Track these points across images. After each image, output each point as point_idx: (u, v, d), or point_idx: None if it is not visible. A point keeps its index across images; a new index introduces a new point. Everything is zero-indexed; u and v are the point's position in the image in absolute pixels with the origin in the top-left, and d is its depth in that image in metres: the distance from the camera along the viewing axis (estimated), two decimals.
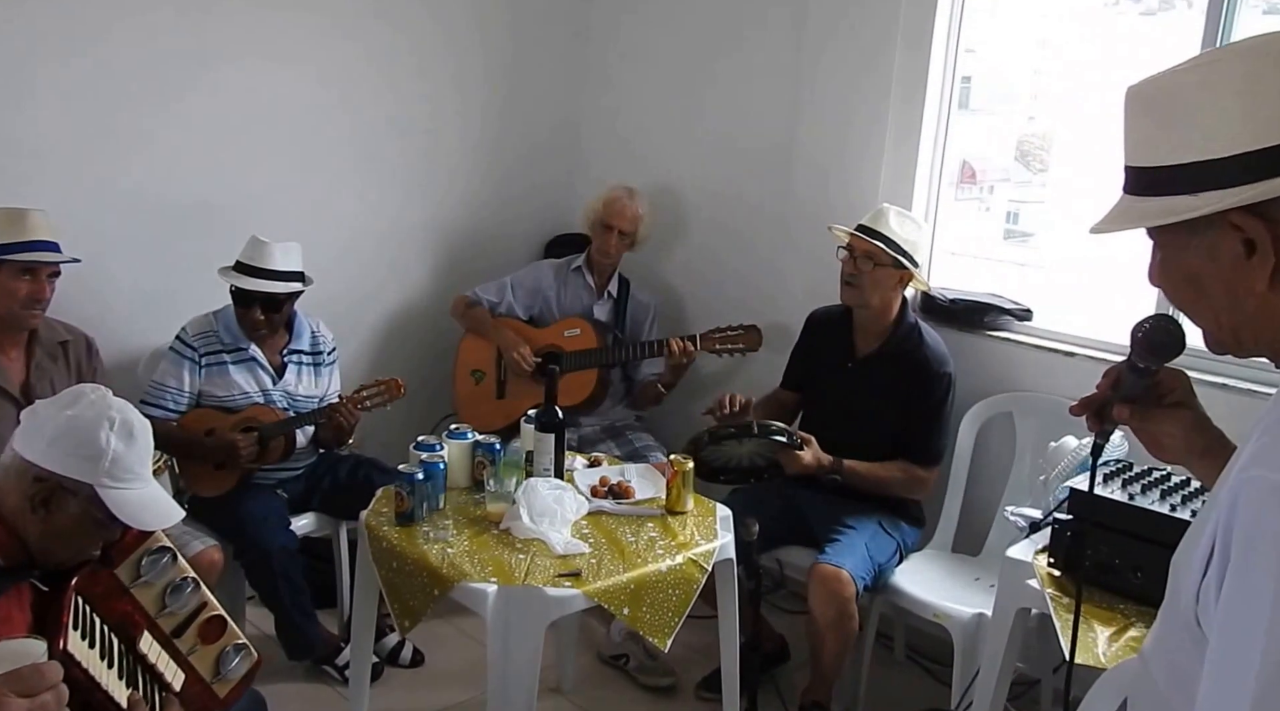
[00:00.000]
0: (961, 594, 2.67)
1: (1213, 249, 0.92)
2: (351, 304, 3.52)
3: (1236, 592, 0.82)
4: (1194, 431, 1.15)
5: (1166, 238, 0.96)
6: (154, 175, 3.08)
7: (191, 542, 2.56)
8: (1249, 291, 0.91)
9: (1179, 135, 0.91)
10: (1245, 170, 0.87)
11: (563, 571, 2.10)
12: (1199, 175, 0.90)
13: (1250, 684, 0.78)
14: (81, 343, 2.68)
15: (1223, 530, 0.84)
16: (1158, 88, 0.94)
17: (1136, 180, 0.96)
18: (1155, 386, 1.17)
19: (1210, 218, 0.90)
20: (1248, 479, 0.84)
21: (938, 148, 3.07)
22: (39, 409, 1.56)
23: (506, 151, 3.84)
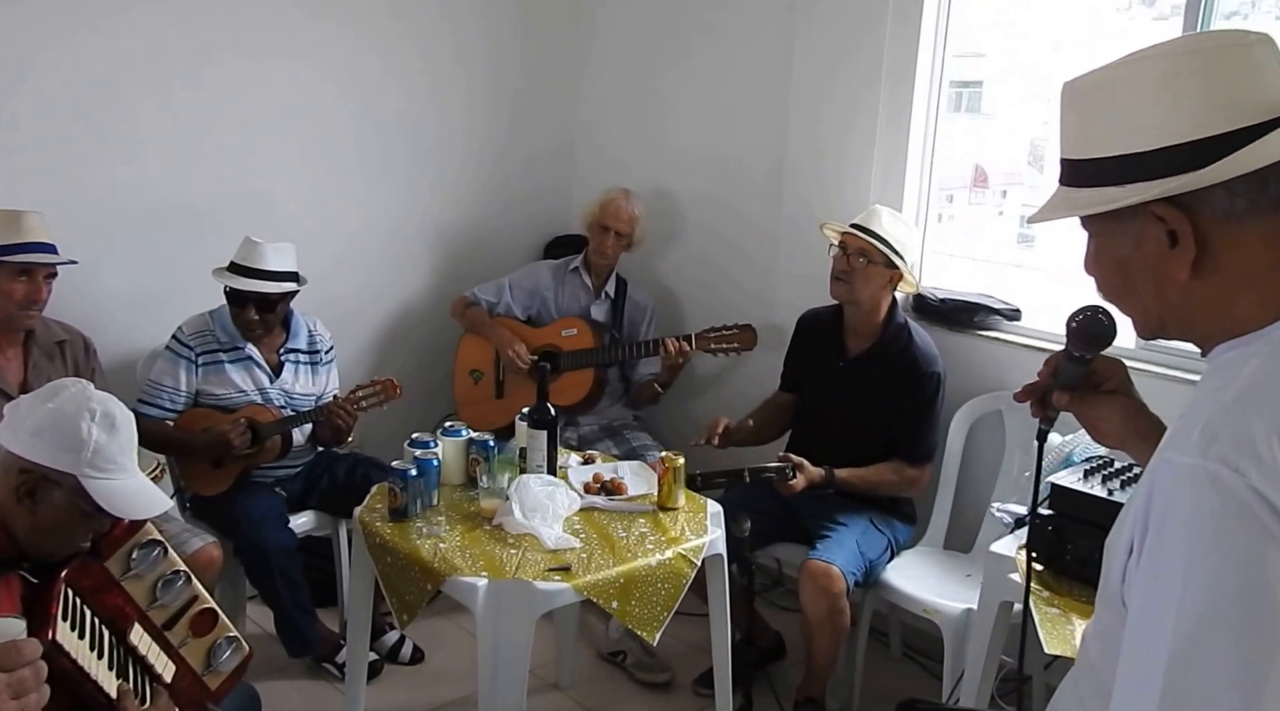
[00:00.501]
0: (952, 590, 2.69)
1: (1138, 239, 0.95)
2: (352, 304, 3.56)
3: (1149, 572, 0.85)
4: (1130, 417, 1.19)
5: (1098, 227, 1.00)
6: (152, 176, 3.12)
7: (191, 540, 2.59)
8: (1172, 280, 0.94)
9: (1106, 129, 0.95)
10: (1167, 163, 0.91)
11: (553, 565, 2.13)
12: (1124, 167, 0.94)
13: (1162, 660, 0.81)
14: (79, 342, 2.71)
15: (1141, 512, 0.88)
16: (1089, 84, 0.97)
17: (1070, 172, 1.00)
18: (1093, 374, 1.21)
19: (1135, 208, 0.93)
20: (1161, 462, 0.88)
21: (926, 152, 3.09)
22: (22, 403, 1.59)
23: (507, 155, 3.88)
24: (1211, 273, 0.93)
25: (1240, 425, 0.84)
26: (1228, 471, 0.81)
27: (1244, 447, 0.82)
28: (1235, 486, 0.81)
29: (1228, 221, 0.91)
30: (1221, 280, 0.93)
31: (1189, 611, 0.81)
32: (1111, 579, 0.94)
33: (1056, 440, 2.38)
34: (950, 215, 3.67)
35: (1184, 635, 0.80)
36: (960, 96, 3.75)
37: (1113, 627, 0.93)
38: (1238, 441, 0.83)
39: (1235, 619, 0.79)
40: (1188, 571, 0.81)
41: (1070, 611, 1.99)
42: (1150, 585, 0.85)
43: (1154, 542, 0.85)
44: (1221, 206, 0.91)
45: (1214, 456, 0.82)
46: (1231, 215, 0.91)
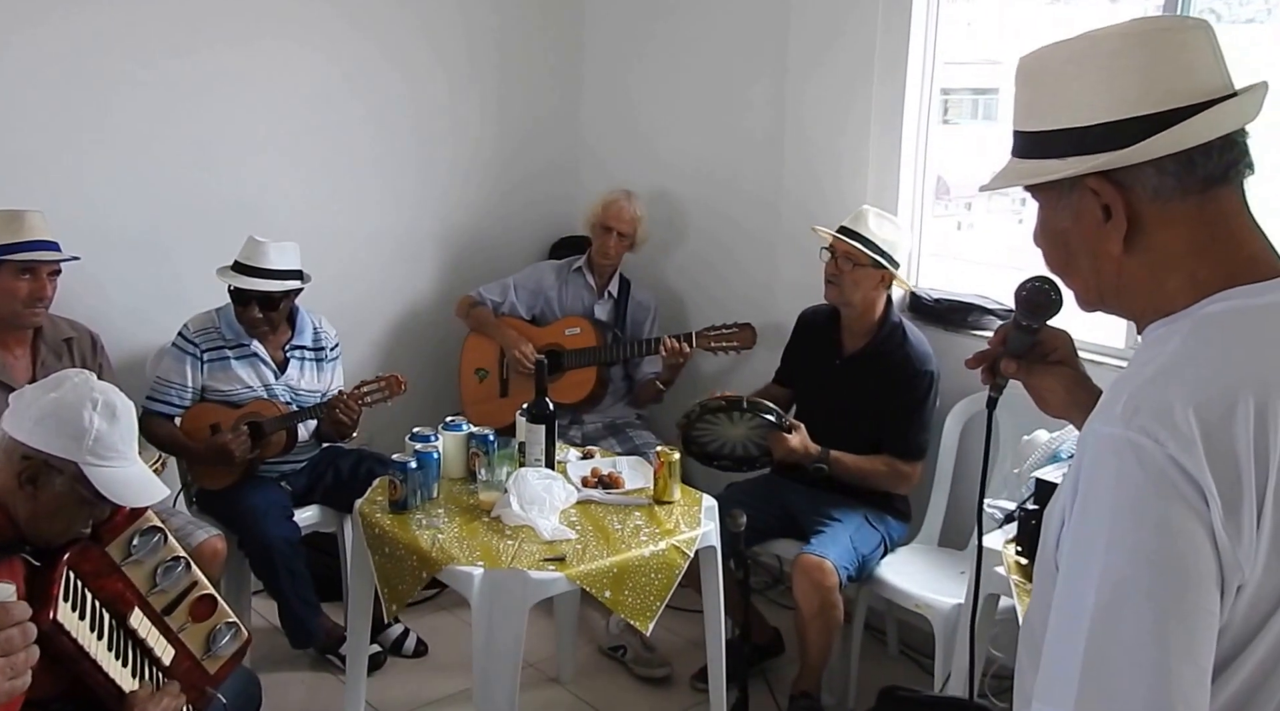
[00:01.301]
0: (945, 585, 2.71)
1: (1077, 211, 0.99)
2: (358, 304, 3.61)
3: (1075, 535, 0.89)
4: (1073, 388, 1.22)
5: (1043, 198, 1.03)
6: (158, 175, 3.17)
7: (195, 532, 2.63)
8: (1107, 255, 0.99)
9: (1051, 103, 0.99)
10: (1103, 139, 0.94)
11: (548, 556, 2.17)
12: (1064, 141, 0.97)
13: (1086, 619, 0.85)
14: (86, 339, 2.76)
15: (1072, 480, 0.92)
16: (1039, 59, 1.02)
17: (1019, 143, 1.04)
18: (1040, 345, 1.24)
19: (1074, 181, 0.97)
20: (1087, 431, 0.92)
21: (919, 149, 3.12)
22: (26, 391, 1.65)
23: (512, 156, 3.93)
24: (1143, 250, 0.97)
25: (1160, 398, 0.88)
26: (1148, 441, 0.85)
27: (1162, 419, 0.86)
28: (1155, 455, 0.85)
29: (1158, 199, 0.95)
30: (1152, 257, 0.97)
31: (1110, 573, 0.84)
32: (1047, 546, 0.97)
33: (1044, 436, 2.41)
34: (970, 222, 3.69)
35: (1105, 596, 0.84)
36: (976, 103, 3.77)
37: (1047, 592, 0.96)
38: (1157, 413, 0.86)
39: (1152, 581, 0.83)
40: (1111, 536, 0.85)
41: None
42: (1075, 548, 0.89)
43: (1080, 508, 0.89)
44: (1152, 184, 0.94)
45: (1135, 427, 0.86)
46: (1161, 194, 0.94)
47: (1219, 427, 0.86)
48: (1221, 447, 0.85)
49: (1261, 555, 0.86)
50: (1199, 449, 0.84)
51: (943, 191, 3.24)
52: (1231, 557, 0.84)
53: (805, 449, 2.72)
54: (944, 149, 3.16)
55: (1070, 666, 0.85)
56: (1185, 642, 0.83)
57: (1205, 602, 0.84)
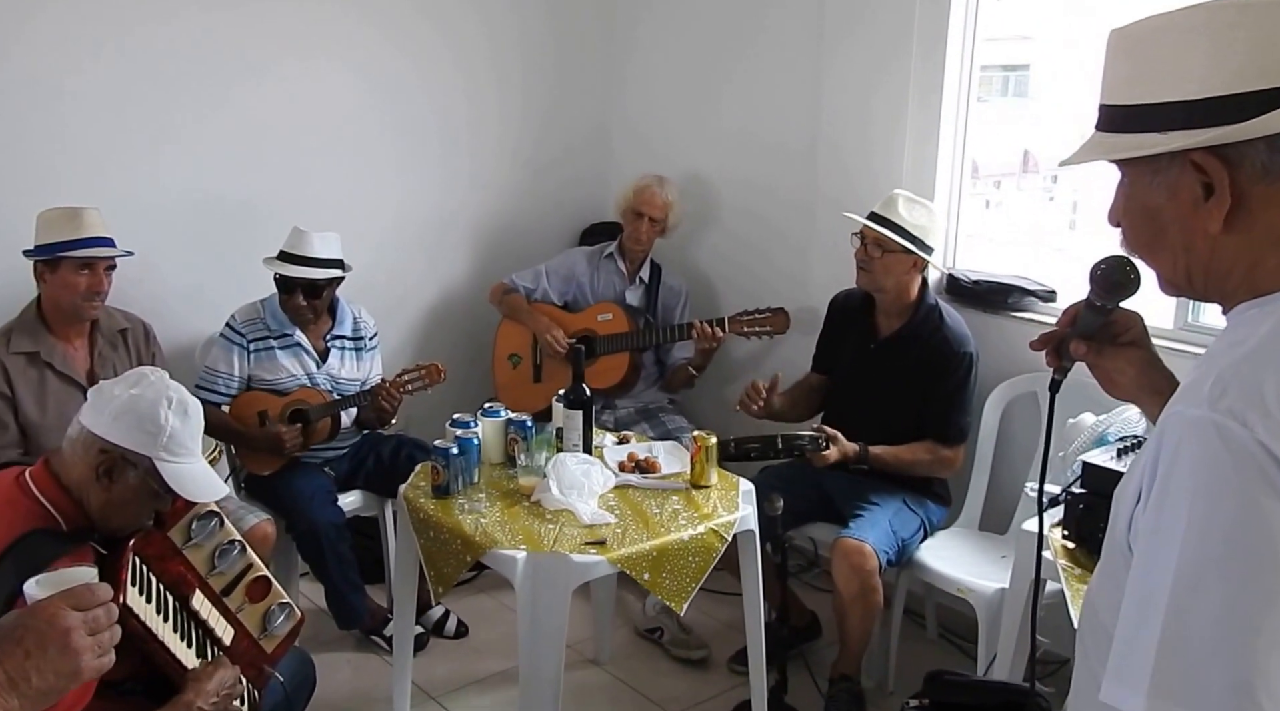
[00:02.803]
0: (987, 570, 2.71)
1: (1174, 188, 0.95)
2: (394, 292, 3.66)
3: (1154, 517, 0.87)
4: (1145, 370, 1.18)
5: (1133, 174, 0.99)
6: (203, 172, 3.24)
7: (246, 517, 2.71)
8: (1204, 232, 0.95)
9: (1154, 76, 0.95)
10: (1211, 114, 0.90)
11: (589, 539, 2.19)
12: (1169, 115, 0.93)
13: (1163, 602, 0.83)
14: (139, 329, 2.84)
15: (1150, 461, 0.90)
16: (1138, 30, 0.98)
17: (1110, 117, 0.99)
18: (1111, 325, 1.20)
19: (1174, 156, 0.93)
20: (1170, 414, 0.90)
21: (959, 129, 3.10)
22: (104, 387, 1.72)
23: (543, 144, 3.95)
24: (1243, 229, 0.93)
25: (1251, 381, 0.85)
26: (1235, 424, 0.83)
27: (1253, 402, 0.83)
28: (1242, 438, 0.82)
29: (1265, 178, 0.91)
30: (1251, 237, 0.93)
31: (1190, 556, 0.83)
32: (1118, 526, 0.96)
33: (1090, 419, 2.39)
34: (998, 201, 3.65)
35: (1185, 579, 0.83)
36: (1007, 80, 3.71)
37: (1117, 575, 0.95)
38: (1247, 396, 0.84)
39: (1234, 566, 0.81)
40: (1191, 517, 0.83)
41: None
42: (1155, 530, 0.87)
43: (1160, 489, 0.87)
44: (1261, 162, 0.91)
45: (1223, 409, 0.84)
46: (1270, 172, 0.91)
47: None
48: None
49: None
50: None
51: (972, 170, 3.21)
52: None
53: (844, 456, 2.73)
54: (974, 127, 3.12)
55: (1145, 648, 0.84)
56: (1271, 623, 0.81)
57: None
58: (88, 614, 1.06)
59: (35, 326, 2.64)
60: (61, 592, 1.09)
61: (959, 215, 3.19)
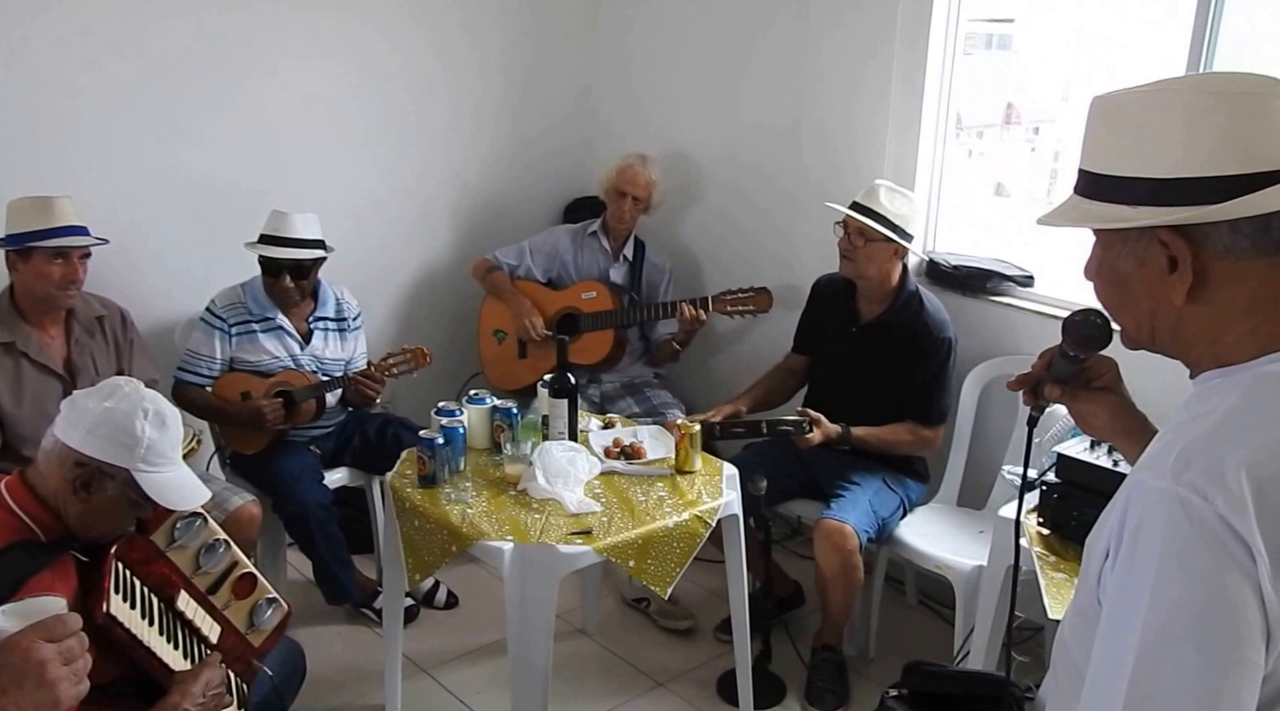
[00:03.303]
0: (965, 546, 2.76)
1: (1141, 258, 1.00)
2: (376, 269, 3.64)
3: (1121, 584, 0.91)
4: (1116, 415, 1.24)
5: (1105, 240, 1.04)
6: (178, 155, 3.19)
7: (232, 498, 2.71)
8: (1168, 302, 0.99)
9: (1129, 150, 0.99)
10: (1180, 194, 0.95)
11: (575, 529, 2.22)
12: (1140, 190, 0.97)
13: (1127, 667, 0.88)
14: (116, 316, 2.81)
15: (1117, 525, 0.94)
16: (1119, 102, 1.01)
17: (1086, 183, 1.04)
18: (1086, 370, 1.25)
19: (1143, 230, 0.98)
20: (1135, 482, 0.94)
21: (941, 108, 3.09)
22: (78, 399, 1.70)
23: (524, 118, 3.90)
24: (1206, 301, 0.98)
25: (1213, 456, 0.89)
26: (1197, 498, 0.87)
27: (1214, 478, 0.87)
28: (1204, 512, 0.86)
29: (1227, 257, 0.96)
30: (1214, 310, 0.98)
31: (1154, 624, 0.87)
32: (1089, 575, 1.00)
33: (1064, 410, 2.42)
34: (980, 152, 3.65)
35: (1148, 646, 0.87)
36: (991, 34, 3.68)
37: (1087, 619, 0.99)
38: (1209, 471, 0.88)
39: (1195, 634, 0.86)
40: (1155, 587, 0.87)
41: (1075, 576, 2.06)
42: (1121, 595, 0.91)
43: (1127, 556, 0.91)
44: (1224, 242, 0.95)
45: (1186, 483, 0.88)
46: (1232, 252, 0.95)
47: (1270, 489, 0.87)
48: (1272, 509, 0.86)
49: None
50: (1249, 508, 0.86)
51: (956, 122, 3.20)
52: (1278, 614, 0.86)
53: (827, 438, 2.76)
54: (958, 80, 3.10)
55: (1112, 707, 0.88)
56: (1227, 693, 0.85)
57: (1250, 655, 0.86)
58: (61, 645, 1.08)
59: (9, 315, 2.60)
60: (33, 626, 1.11)
61: (940, 198, 3.18)
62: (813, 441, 2.74)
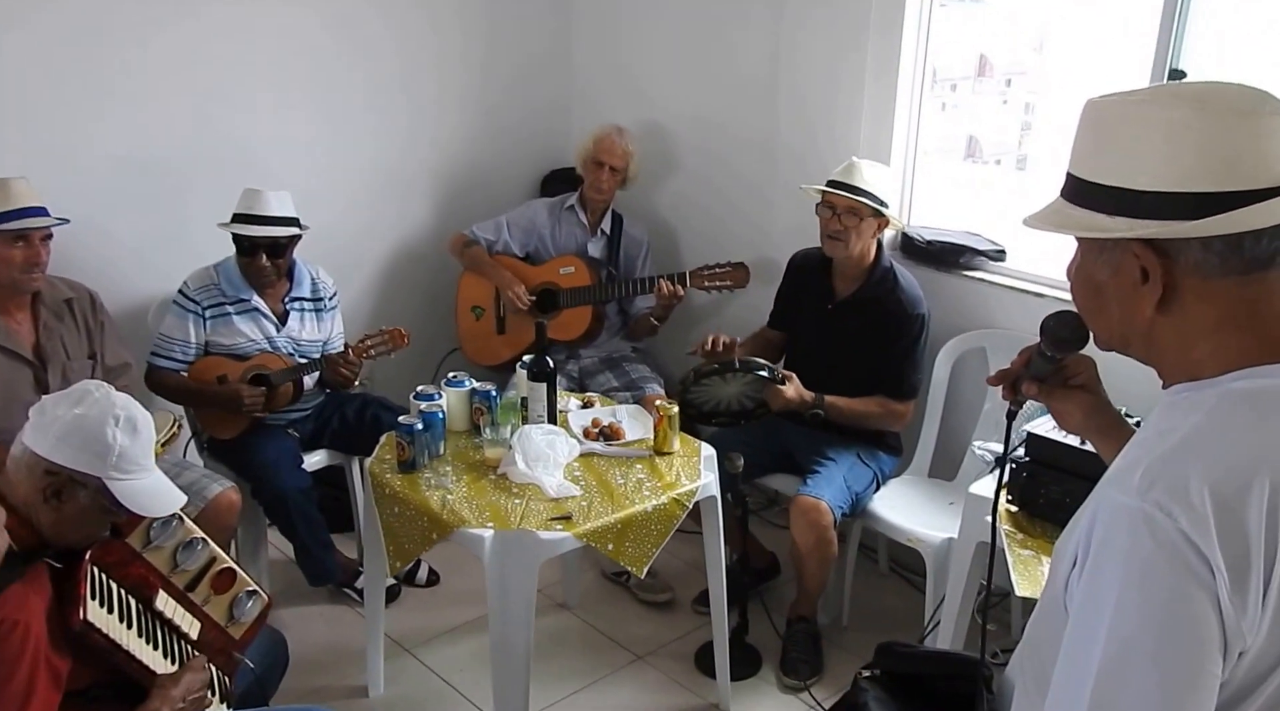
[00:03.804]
0: (936, 518, 2.82)
1: (1116, 268, 1.02)
2: (351, 246, 3.60)
3: (1087, 595, 0.94)
4: (1091, 413, 1.26)
5: (1085, 246, 1.05)
6: (144, 129, 3.12)
7: (211, 485, 2.70)
8: (1139, 312, 1.01)
9: (1110, 159, 1.00)
10: (1155, 208, 0.95)
11: (555, 514, 2.24)
12: (1117, 200, 0.98)
13: (1090, 677, 0.91)
14: (85, 298, 2.76)
15: (1084, 535, 0.96)
16: (1107, 110, 1.01)
17: (1072, 187, 1.05)
18: (1063, 368, 1.27)
19: (1118, 240, 0.99)
20: (1103, 496, 0.96)
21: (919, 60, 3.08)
22: (47, 406, 1.67)
23: (500, 90, 3.86)
24: (1176, 315, 0.99)
25: (1178, 474, 0.91)
26: (1161, 515, 0.89)
27: (1177, 495, 0.90)
28: (1167, 529, 0.89)
29: (1197, 273, 0.97)
30: (1184, 324, 0.99)
31: (1116, 636, 0.90)
32: (1058, 578, 1.03)
33: None
34: (954, 104, 3.65)
35: (1111, 657, 0.90)
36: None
37: (1052, 622, 1.02)
38: (1173, 489, 0.90)
39: (1157, 648, 0.89)
40: (1120, 600, 0.90)
41: (1043, 553, 2.12)
42: (1086, 607, 0.94)
43: (1093, 567, 0.94)
44: (1195, 259, 0.96)
45: (1151, 500, 0.90)
46: (1202, 269, 0.96)
47: (1232, 506, 0.89)
48: (1233, 526, 0.89)
49: (1265, 624, 0.90)
50: (1211, 526, 0.88)
51: (931, 76, 3.19)
52: (1236, 627, 0.89)
53: (800, 397, 2.78)
54: (933, 31, 3.09)
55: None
56: (1187, 704, 0.89)
57: (1208, 666, 0.89)
58: None
59: None
60: None
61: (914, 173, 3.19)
62: (785, 394, 2.75)
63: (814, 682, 2.79)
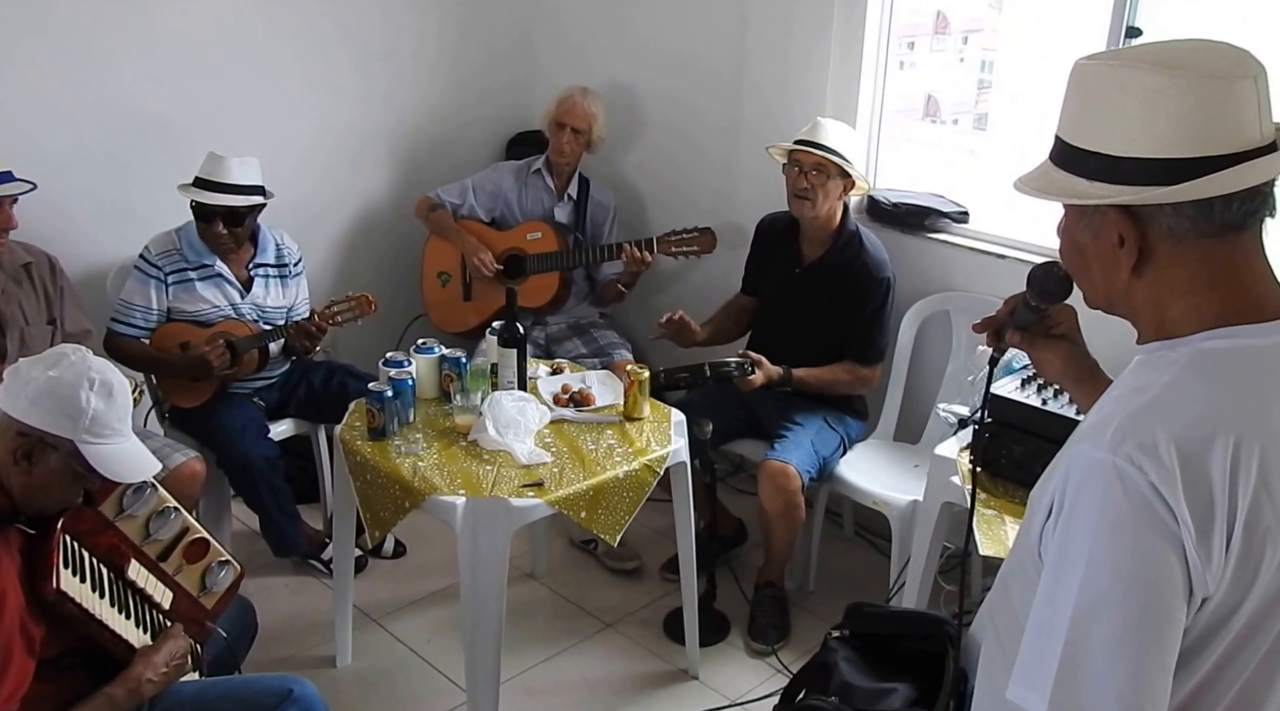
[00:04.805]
0: (901, 481, 2.86)
1: (1096, 231, 1.05)
2: (315, 211, 3.54)
3: (1060, 546, 0.99)
4: (1071, 363, 1.31)
5: (1069, 209, 1.08)
6: (108, 93, 3.05)
7: (173, 455, 2.65)
8: (1116, 274, 1.05)
9: (1092, 124, 1.02)
10: (1131, 173, 0.98)
11: (527, 481, 2.24)
12: (1097, 165, 1.01)
13: (1064, 625, 0.96)
14: (44, 262, 2.69)
15: (1059, 487, 1.01)
16: (1091, 74, 1.03)
17: (1058, 150, 1.07)
18: (1046, 317, 1.32)
19: (1096, 206, 1.02)
20: (1077, 450, 1.00)
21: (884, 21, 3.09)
22: (21, 368, 1.64)
23: (463, 53, 3.80)
24: (1151, 277, 1.03)
25: (1148, 431, 0.95)
26: (1132, 468, 0.94)
27: (1147, 450, 0.94)
28: (1137, 481, 0.93)
29: (1171, 237, 1.00)
30: (1158, 286, 1.03)
31: (1090, 584, 0.95)
32: (1032, 530, 1.07)
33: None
34: (912, 63, 3.66)
35: (1085, 604, 0.95)
36: None
37: (1026, 569, 1.07)
38: (1143, 444, 0.94)
39: (1126, 595, 0.94)
40: (1092, 549, 0.95)
41: (1005, 513, 2.16)
42: (1060, 557, 0.98)
43: (1066, 519, 0.98)
44: (1168, 224, 0.99)
45: (1122, 454, 0.94)
46: (1175, 233, 0.99)
47: (1197, 462, 0.94)
48: (1198, 480, 0.93)
49: (1228, 573, 0.95)
50: (1177, 480, 0.93)
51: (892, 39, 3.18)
52: (1200, 576, 0.94)
53: (769, 379, 2.80)
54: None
55: (1049, 659, 0.96)
56: (1154, 649, 0.94)
57: (1174, 613, 0.94)
58: None
59: None
60: None
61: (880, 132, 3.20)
62: (755, 383, 2.79)
63: (781, 647, 2.84)
